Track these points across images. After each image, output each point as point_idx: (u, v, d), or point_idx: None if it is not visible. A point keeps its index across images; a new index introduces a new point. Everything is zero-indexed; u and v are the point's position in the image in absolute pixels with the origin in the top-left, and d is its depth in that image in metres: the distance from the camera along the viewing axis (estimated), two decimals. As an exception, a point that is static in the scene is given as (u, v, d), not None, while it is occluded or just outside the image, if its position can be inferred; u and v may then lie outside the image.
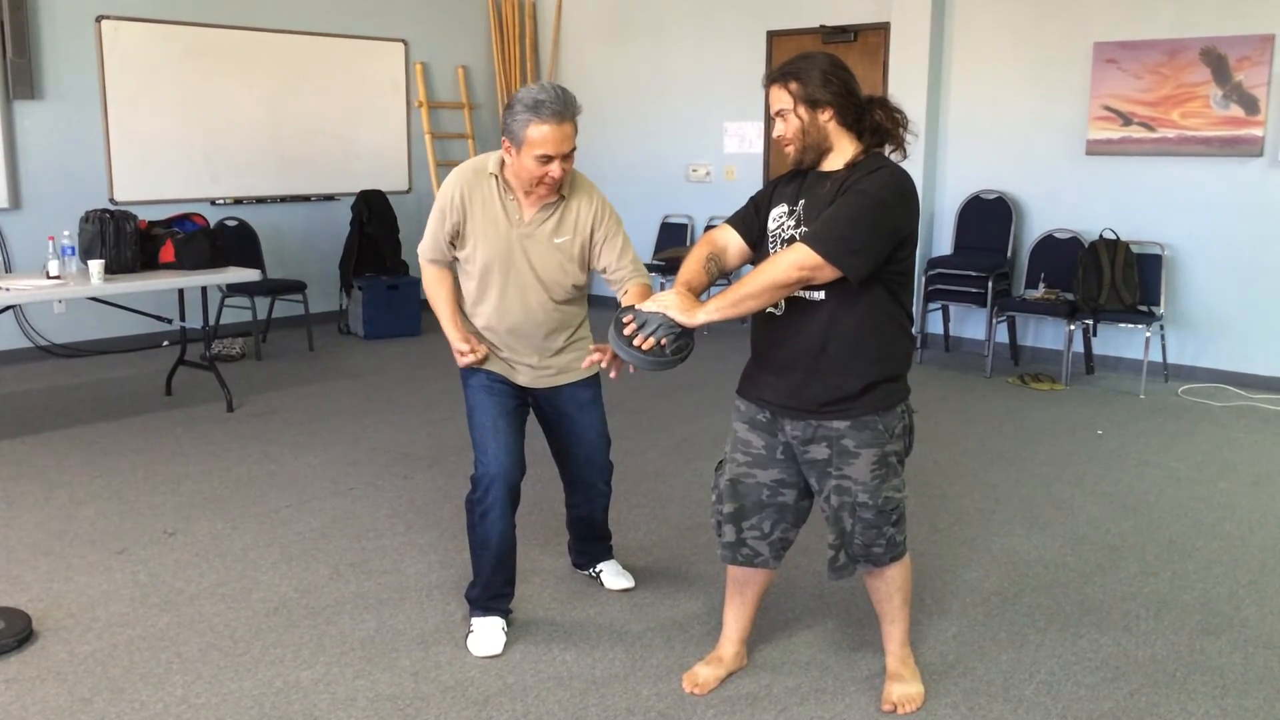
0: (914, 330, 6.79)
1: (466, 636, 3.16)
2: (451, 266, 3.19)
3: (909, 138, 2.66)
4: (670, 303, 2.57)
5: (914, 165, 7.04)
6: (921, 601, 3.41)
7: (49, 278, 5.25)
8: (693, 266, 2.70)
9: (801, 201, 2.62)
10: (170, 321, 6.12)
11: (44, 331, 7.05)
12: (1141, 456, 5.05)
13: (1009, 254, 7.05)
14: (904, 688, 2.86)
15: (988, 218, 7.17)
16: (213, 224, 6.87)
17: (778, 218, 2.67)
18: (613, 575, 3.58)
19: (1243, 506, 4.38)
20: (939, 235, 7.45)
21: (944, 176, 7.41)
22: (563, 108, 2.86)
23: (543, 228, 3.04)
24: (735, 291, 2.52)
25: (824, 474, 2.68)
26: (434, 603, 3.43)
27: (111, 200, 7.13)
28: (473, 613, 3.20)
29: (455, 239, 3.09)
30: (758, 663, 3.06)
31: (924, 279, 7.06)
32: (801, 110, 2.58)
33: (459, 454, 4.96)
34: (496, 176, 3.03)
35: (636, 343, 2.55)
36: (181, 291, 5.95)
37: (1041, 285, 6.76)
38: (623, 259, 3.10)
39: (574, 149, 2.94)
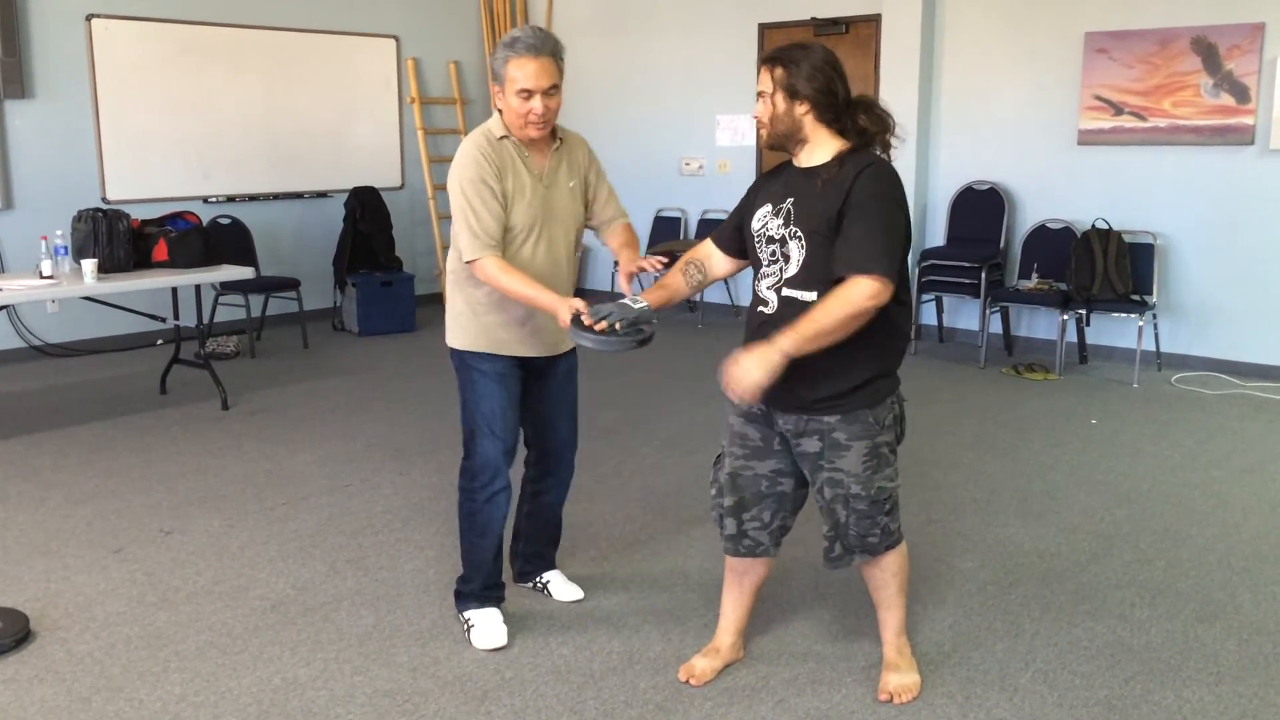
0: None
1: (467, 632, 3.16)
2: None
3: (895, 141, 2.66)
4: (752, 360, 2.49)
5: (906, 157, 7.05)
6: (917, 591, 3.42)
7: (42, 277, 5.23)
8: (674, 273, 2.89)
9: (790, 199, 2.63)
10: (164, 320, 6.12)
11: (38, 331, 7.03)
12: (1135, 445, 5.07)
13: (1002, 244, 7.06)
14: (900, 677, 2.87)
15: (980, 208, 7.18)
16: (206, 222, 6.87)
17: (762, 218, 2.69)
18: (561, 584, 3.46)
19: (1236, 494, 4.40)
20: (932, 226, 7.46)
21: (936, 168, 7.42)
22: (539, 43, 2.89)
23: (558, 175, 3.08)
24: (809, 328, 2.47)
25: (816, 467, 2.70)
26: (431, 598, 3.44)
27: (104, 199, 7.11)
28: (468, 606, 3.20)
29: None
30: (754, 654, 3.08)
31: (917, 270, 7.07)
32: (779, 97, 2.61)
33: (454, 449, 4.93)
34: (507, 138, 3.00)
35: (587, 323, 2.71)
36: (175, 290, 5.93)
37: (1034, 275, 6.77)
38: (610, 197, 3.24)
39: (556, 86, 2.94)
